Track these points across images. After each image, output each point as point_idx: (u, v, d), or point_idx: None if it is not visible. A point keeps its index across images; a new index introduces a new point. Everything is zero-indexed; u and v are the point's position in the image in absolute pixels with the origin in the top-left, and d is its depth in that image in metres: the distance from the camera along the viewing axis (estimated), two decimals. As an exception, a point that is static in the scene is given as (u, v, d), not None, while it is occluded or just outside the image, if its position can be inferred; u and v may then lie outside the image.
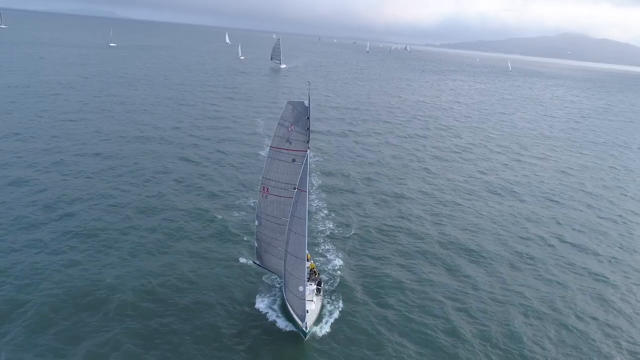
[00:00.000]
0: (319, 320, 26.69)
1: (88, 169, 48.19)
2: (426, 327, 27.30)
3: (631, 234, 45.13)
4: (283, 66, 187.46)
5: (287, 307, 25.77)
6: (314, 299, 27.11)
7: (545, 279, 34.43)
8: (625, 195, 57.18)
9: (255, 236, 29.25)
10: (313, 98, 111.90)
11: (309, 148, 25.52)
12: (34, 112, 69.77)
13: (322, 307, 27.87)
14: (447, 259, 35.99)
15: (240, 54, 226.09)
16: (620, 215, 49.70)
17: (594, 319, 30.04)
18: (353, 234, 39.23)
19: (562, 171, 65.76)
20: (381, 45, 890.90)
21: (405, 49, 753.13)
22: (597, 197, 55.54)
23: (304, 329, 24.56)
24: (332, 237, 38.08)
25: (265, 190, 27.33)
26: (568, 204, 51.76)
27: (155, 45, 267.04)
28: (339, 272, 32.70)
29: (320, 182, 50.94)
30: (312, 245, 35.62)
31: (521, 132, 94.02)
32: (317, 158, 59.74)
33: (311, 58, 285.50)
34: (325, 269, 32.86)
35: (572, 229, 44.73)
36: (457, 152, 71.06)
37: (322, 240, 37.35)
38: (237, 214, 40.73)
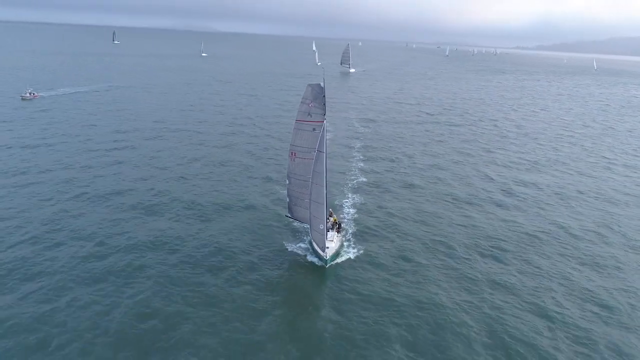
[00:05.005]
0: (338, 254, 33.41)
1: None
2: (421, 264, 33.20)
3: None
4: (352, 70, 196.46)
5: (312, 244, 33.03)
6: (334, 239, 34.00)
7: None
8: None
9: (287, 192, 36.73)
10: (375, 95, 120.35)
11: (325, 119, 32.75)
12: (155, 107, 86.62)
13: (342, 245, 34.66)
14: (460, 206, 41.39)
15: (317, 60, 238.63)
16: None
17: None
18: (374, 185, 48.43)
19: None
20: (469, 49, 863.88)
21: (494, 53, 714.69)
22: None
23: (325, 257, 31.50)
24: (357, 188, 47.85)
25: (293, 155, 34.90)
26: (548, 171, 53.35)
27: (242, 55, 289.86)
28: (357, 217, 40.66)
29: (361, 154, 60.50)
30: (335, 196, 44.36)
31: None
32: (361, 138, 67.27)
33: (385, 63, 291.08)
34: (347, 216, 40.87)
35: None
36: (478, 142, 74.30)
37: (347, 191, 46.86)
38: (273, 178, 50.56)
